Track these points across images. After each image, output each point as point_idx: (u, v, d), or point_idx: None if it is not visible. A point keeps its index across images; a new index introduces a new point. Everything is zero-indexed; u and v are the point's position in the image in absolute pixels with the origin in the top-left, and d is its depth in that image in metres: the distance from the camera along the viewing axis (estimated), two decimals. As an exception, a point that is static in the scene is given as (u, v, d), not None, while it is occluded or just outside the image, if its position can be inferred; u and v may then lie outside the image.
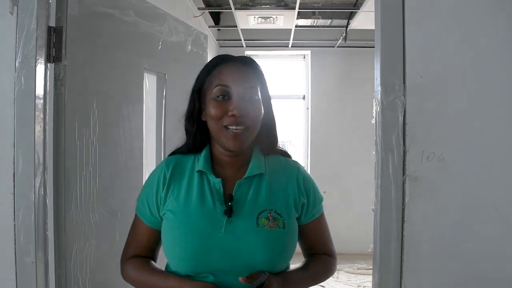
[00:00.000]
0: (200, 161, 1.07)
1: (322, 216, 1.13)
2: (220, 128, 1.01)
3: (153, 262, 1.11)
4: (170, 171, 1.08)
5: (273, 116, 1.11)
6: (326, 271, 1.12)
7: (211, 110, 1.02)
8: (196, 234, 0.99)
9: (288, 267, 1.08)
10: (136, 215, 1.12)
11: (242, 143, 1.01)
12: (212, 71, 1.06)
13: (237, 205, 1.02)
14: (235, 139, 1.00)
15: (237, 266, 0.97)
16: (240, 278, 0.93)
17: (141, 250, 1.11)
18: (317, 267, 1.11)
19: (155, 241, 1.09)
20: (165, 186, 1.06)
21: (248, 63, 1.07)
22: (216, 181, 1.04)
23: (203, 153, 1.08)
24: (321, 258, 1.13)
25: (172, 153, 1.15)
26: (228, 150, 1.03)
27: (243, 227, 0.99)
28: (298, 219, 1.08)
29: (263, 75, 1.09)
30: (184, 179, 1.06)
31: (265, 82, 1.09)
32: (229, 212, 1.00)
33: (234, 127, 1.00)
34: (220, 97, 1.01)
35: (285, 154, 1.16)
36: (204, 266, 0.98)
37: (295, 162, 1.14)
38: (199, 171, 1.06)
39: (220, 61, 1.07)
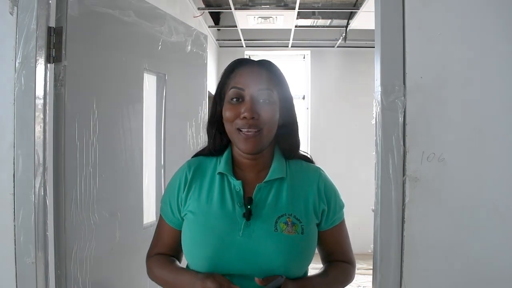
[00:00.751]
0: (221, 163, 1.07)
1: (342, 223, 1.12)
2: (234, 130, 1.02)
3: (174, 259, 1.12)
4: (192, 173, 1.09)
5: (295, 119, 1.11)
6: (345, 279, 1.11)
7: (226, 112, 1.03)
8: (214, 235, 1.00)
9: (306, 272, 1.08)
10: (160, 215, 1.14)
11: (255, 145, 1.01)
12: (230, 74, 1.06)
13: (256, 209, 1.01)
14: (247, 142, 1.00)
15: (254, 269, 0.97)
16: (256, 279, 0.93)
17: (165, 249, 1.12)
18: (336, 275, 1.10)
19: (178, 241, 1.09)
20: (186, 187, 1.07)
21: (265, 65, 1.07)
22: (237, 183, 1.04)
23: (224, 155, 1.09)
24: (341, 265, 1.12)
25: (195, 155, 1.16)
26: (243, 152, 1.04)
27: (261, 231, 0.99)
28: (318, 225, 1.07)
29: (282, 77, 1.09)
30: (206, 181, 1.07)
31: (285, 85, 1.09)
32: (247, 215, 1.00)
33: (246, 130, 1.00)
34: (234, 99, 1.02)
35: (307, 159, 1.15)
36: (221, 268, 0.98)
37: (317, 168, 1.13)
38: (220, 173, 1.07)
39: (238, 64, 1.08)
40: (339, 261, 1.12)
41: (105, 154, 1.54)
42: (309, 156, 1.16)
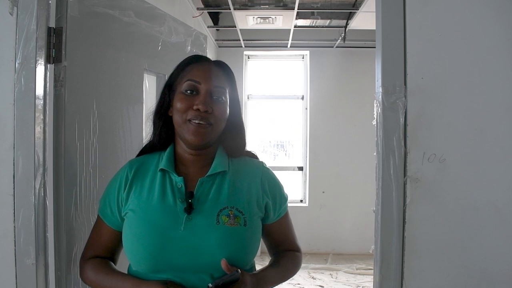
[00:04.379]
0: (163, 160, 1.08)
1: (287, 214, 1.18)
2: (183, 121, 1.03)
3: (111, 263, 1.11)
4: (133, 172, 1.09)
5: (241, 120, 1.14)
6: (295, 266, 1.17)
7: (177, 103, 1.04)
8: (156, 230, 1.00)
9: (253, 265, 1.10)
10: (98, 216, 1.13)
11: (203, 137, 1.02)
12: (185, 68, 1.09)
13: (198, 203, 1.02)
14: (196, 132, 1.01)
15: (197, 263, 0.98)
16: (223, 260, 0.94)
17: (101, 251, 1.11)
18: (287, 264, 1.15)
19: (116, 242, 1.10)
20: (127, 186, 1.07)
21: (221, 65, 1.11)
22: (178, 180, 1.05)
23: (167, 151, 1.09)
24: (290, 254, 1.17)
25: (139, 154, 1.17)
26: (189, 144, 1.04)
27: (202, 224, 1.00)
28: (264, 218, 1.10)
29: (234, 80, 1.12)
30: (147, 178, 1.07)
31: (235, 87, 1.12)
32: (188, 209, 1.00)
33: (197, 121, 1.01)
34: (189, 91, 1.04)
35: (251, 155, 1.18)
36: (164, 264, 0.98)
37: (260, 162, 1.16)
38: (162, 170, 1.07)
39: (194, 59, 1.10)
40: (288, 250, 1.17)
41: (105, 155, 1.54)
42: (253, 153, 1.19)
